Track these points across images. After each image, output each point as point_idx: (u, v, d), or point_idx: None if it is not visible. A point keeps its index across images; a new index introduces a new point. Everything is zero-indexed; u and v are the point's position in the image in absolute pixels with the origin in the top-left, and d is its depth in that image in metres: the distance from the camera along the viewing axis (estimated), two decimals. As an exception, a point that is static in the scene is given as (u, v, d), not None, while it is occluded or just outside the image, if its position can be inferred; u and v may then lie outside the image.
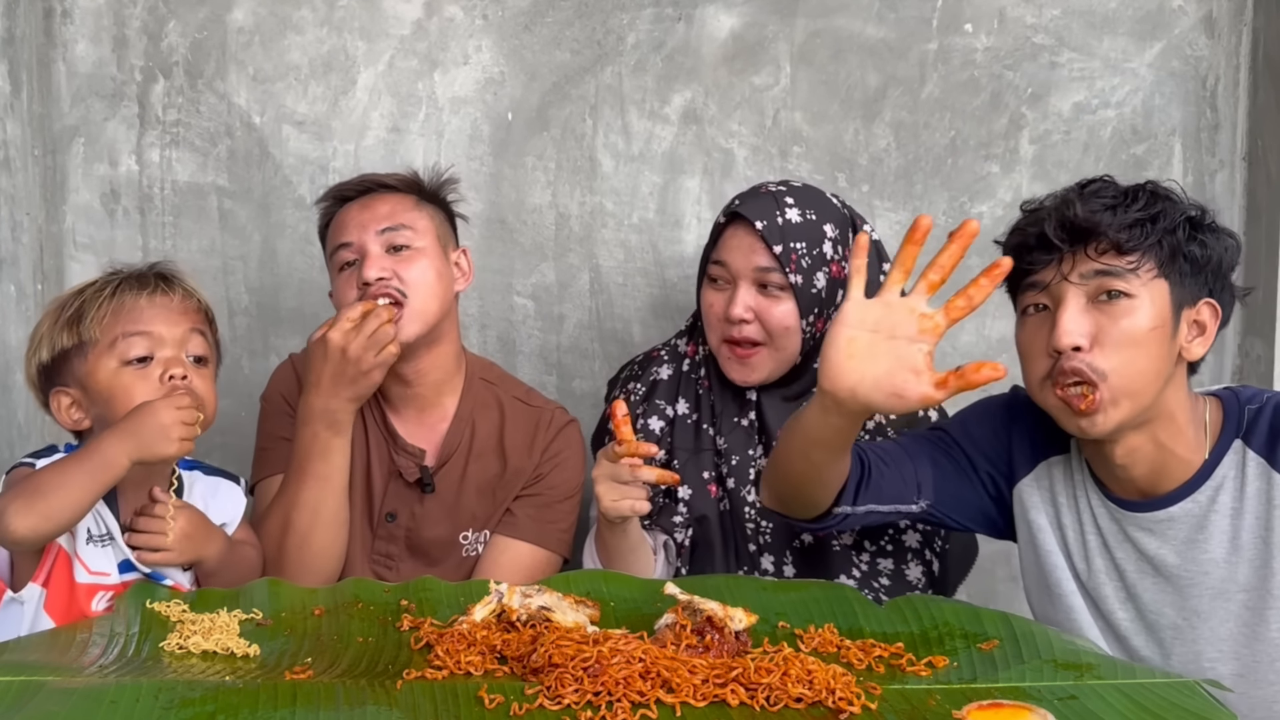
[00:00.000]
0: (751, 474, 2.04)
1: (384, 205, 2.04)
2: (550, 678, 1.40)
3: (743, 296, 1.99)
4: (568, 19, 2.51)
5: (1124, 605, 1.72)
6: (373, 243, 2.00)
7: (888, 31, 2.50)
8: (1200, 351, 1.66)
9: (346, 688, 1.41)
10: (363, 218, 2.03)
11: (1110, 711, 1.37)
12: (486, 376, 2.16)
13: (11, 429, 2.39)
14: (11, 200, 2.40)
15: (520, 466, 2.09)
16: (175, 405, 1.74)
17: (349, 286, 2.01)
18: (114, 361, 1.79)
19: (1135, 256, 1.59)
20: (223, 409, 2.44)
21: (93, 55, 2.51)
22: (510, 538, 2.07)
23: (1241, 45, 2.49)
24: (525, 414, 2.13)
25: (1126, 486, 1.69)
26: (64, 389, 1.83)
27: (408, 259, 2.00)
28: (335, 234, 2.05)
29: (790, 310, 1.98)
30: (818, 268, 1.98)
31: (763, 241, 1.97)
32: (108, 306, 1.81)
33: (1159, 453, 1.65)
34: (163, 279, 1.86)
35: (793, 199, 2.01)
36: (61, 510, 1.69)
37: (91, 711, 1.33)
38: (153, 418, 1.73)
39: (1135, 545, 1.69)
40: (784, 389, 2.05)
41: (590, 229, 2.55)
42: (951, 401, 2.52)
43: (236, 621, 1.59)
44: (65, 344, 1.82)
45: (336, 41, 2.51)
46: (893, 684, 1.45)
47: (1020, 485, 1.81)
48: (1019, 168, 2.52)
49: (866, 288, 1.58)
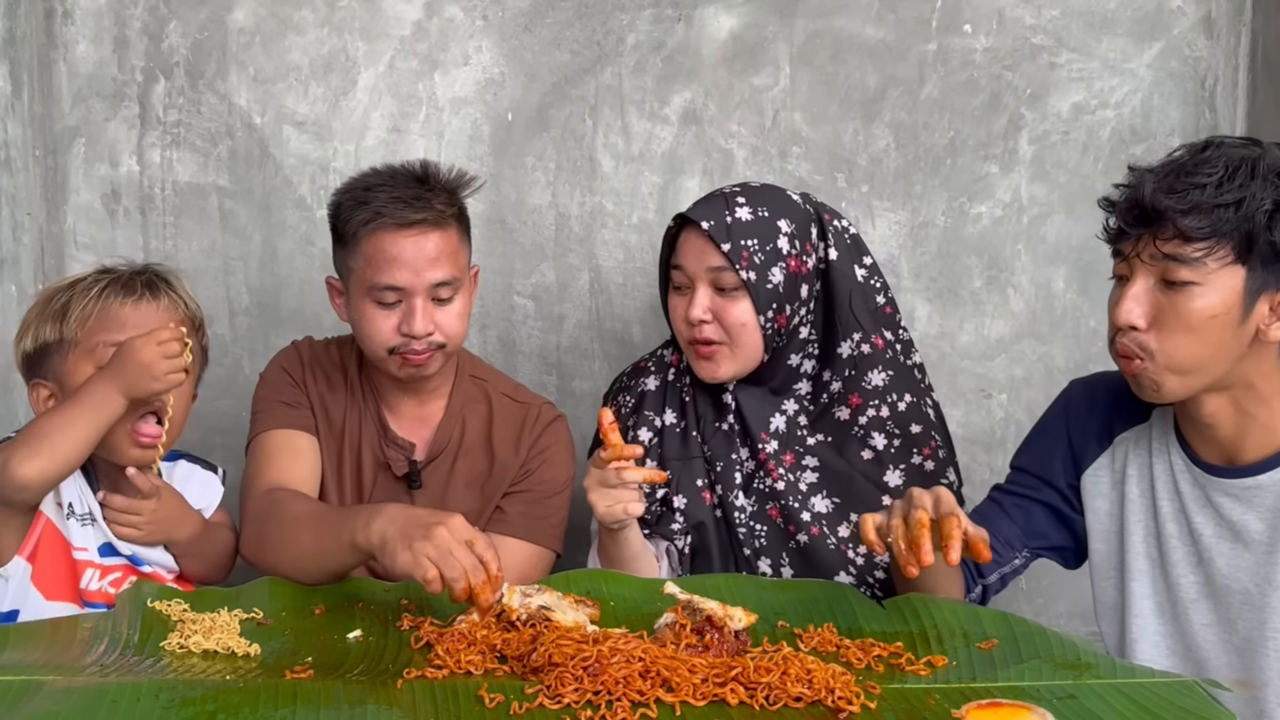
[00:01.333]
0: (738, 478, 2.05)
1: (435, 246, 1.95)
2: (550, 677, 1.40)
3: (699, 298, 2.00)
4: (568, 20, 2.51)
5: (1194, 569, 1.73)
6: (422, 295, 1.95)
7: (887, 32, 2.50)
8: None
9: (347, 687, 1.41)
10: (417, 263, 1.93)
11: (1109, 711, 1.37)
12: (476, 373, 2.16)
13: (12, 429, 2.39)
14: (13, 200, 2.40)
15: (507, 463, 2.09)
16: (155, 341, 1.75)
17: (385, 323, 1.96)
18: (91, 366, 1.80)
19: (1206, 244, 1.58)
20: (223, 409, 2.46)
21: (94, 56, 2.51)
22: (502, 535, 2.07)
23: (1240, 46, 2.49)
24: (513, 410, 2.13)
25: (1213, 448, 1.71)
26: (43, 382, 1.85)
27: (448, 305, 1.98)
28: (380, 269, 1.94)
29: (746, 308, 1.99)
30: (772, 263, 1.99)
31: (712, 242, 1.98)
32: (92, 308, 1.81)
33: (1242, 417, 1.67)
34: (149, 286, 1.86)
35: (744, 198, 2.02)
36: (66, 450, 1.72)
37: (91, 711, 1.33)
38: (133, 355, 1.75)
39: (1217, 510, 1.70)
40: (760, 386, 2.06)
41: (590, 229, 2.56)
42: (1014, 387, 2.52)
43: (237, 621, 1.59)
44: (48, 337, 1.83)
45: (337, 42, 2.52)
46: (892, 683, 1.45)
47: (1085, 475, 1.84)
48: (1018, 168, 2.53)
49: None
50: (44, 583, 1.80)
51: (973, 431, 2.57)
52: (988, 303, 2.56)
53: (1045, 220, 2.54)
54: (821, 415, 2.07)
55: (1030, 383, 2.55)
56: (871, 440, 2.04)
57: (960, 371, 2.57)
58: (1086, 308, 2.55)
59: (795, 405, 2.08)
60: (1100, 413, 1.82)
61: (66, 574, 1.82)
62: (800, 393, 2.08)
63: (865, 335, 2.05)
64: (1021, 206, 2.53)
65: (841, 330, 2.05)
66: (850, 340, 2.05)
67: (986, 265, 2.55)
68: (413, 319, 1.95)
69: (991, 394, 2.57)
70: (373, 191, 1.97)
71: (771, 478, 2.04)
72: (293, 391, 2.08)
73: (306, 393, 2.09)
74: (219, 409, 2.46)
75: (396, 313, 1.96)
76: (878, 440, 2.04)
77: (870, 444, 2.04)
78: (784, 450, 2.05)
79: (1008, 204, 2.53)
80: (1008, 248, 2.54)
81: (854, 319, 2.05)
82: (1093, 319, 2.55)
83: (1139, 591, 1.77)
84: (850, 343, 2.05)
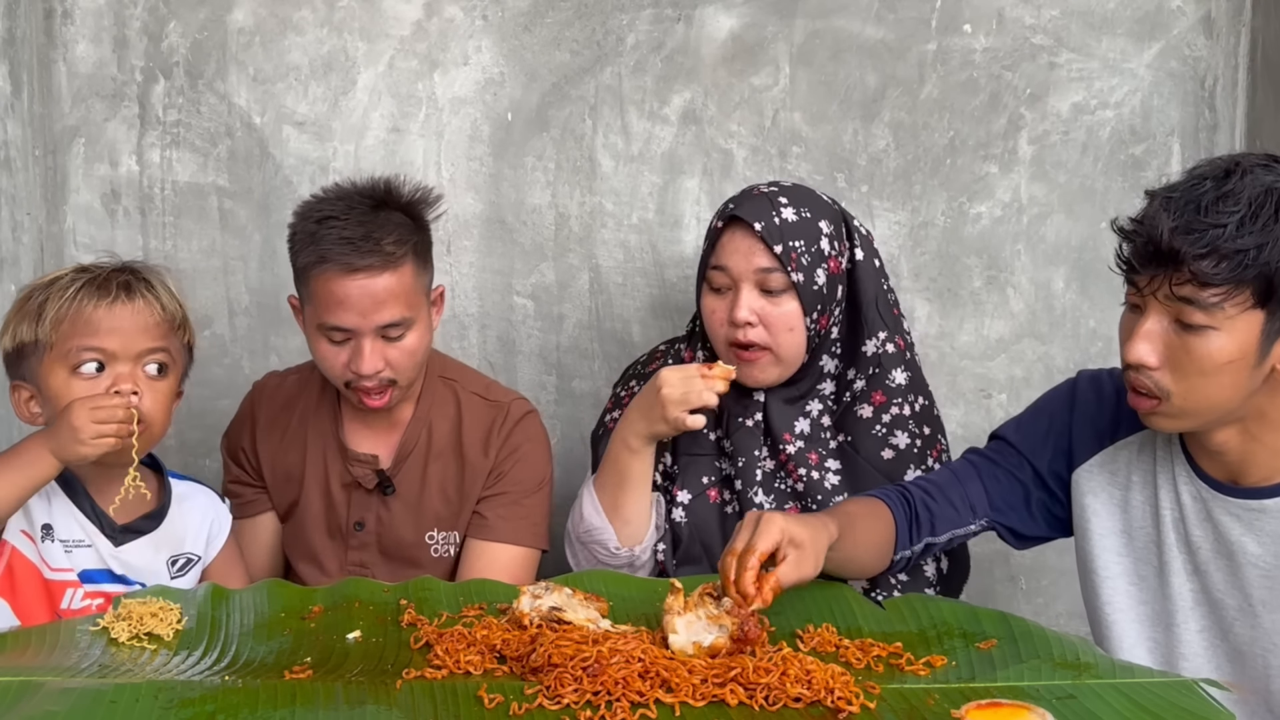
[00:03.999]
0: (759, 475, 2.04)
1: (384, 288, 1.92)
2: (550, 677, 1.40)
3: (745, 299, 1.98)
4: (567, 19, 2.51)
5: (1191, 578, 1.71)
6: (370, 335, 1.94)
7: (887, 32, 2.50)
8: None
9: (346, 688, 1.41)
10: (363, 305, 1.92)
11: (1108, 711, 1.37)
12: (446, 373, 2.15)
13: (12, 429, 2.39)
14: (12, 200, 2.40)
15: (477, 465, 2.08)
16: (90, 406, 1.72)
17: (335, 359, 1.97)
18: (65, 370, 1.78)
19: (1223, 290, 1.50)
20: (222, 410, 2.46)
21: (93, 56, 2.51)
22: (485, 540, 2.06)
23: (1240, 46, 2.49)
24: (483, 410, 2.12)
25: (1218, 466, 1.67)
26: (23, 384, 1.83)
27: (400, 342, 1.97)
28: (326, 310, 1.94)
29: (794, 310, 1.98)
30: (817, 264, 1.99)
31: (762, 242, 1.96)
32: (66, 310, 1.77)
33: (1251, 443, 1.63)
34: (125, 288, 1.81)
35: (786, 198, 2.01)
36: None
37: (91, 711, 1.34)
38: (65, 418, 1.72)
39: (1216, 526, 1.67)
40: (787, 389, 2.05)
41: (590, 229, 2.56)
42: (1014, 387, 2.53)
43: (177, 612, 1.58)
44: (25, 338, 1.80)
45: (337, 42, 2.52)
46: (891, 683, 1.45)
47: (1079, 470, 1.80)
48: (1018, 168, 2.53)
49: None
50: (21, 609, 1.79)
51: (973, 431, 2.56)
52: (987, 303, 2.56)
53: (1045, 220, 2.53)
54: (844, 413, 2.06)
55: (1030, 383, 2.55)
56: (894, 439, 2.03)
57: (960, 371, 2.57)
58: (1086, 308, 2.55)
59: (819, 405, 2.07)
60: (1107, 411, 1.78)
61: (41, 596, 1.80)
62: (824, 392, 2.07)
63: (890, 334, 2.05)
64: (1021, 206, 2.53)
65: (866, 329, 2.04)
66: (875, 339, 2.04)
67: (986, 265, 2.55)
68: (359, 359, 1.95)
69: (991, 394, 2.57)
70: (324, 226, 1.94)
71: (792, 478, 2.03)
72: (237, 473, 2.18)
73: (257, 458, 2.15)
74: (219, 409, 2.46)
75: (346, 349, 1.96)
76: (900, 439, 2.03)
77: (892, 443, 2.04)
78: (809, 450, 2.04)
79: (1007, 204, 2.53)
80: (1007, 248, 2.54)
81: (879, 319, 2.04)
82: (1092, 319, 2.55)
83: (1133, 595, 1.76)
84: (875, 341, 2.04)
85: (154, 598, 1.61)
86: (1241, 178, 1.51)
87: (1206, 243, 1.49)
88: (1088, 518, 1.79)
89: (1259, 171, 1.52)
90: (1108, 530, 1.77)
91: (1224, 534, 1.67)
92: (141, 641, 1.52)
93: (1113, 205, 2.50)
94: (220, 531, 1.99)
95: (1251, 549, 1.65)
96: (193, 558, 1.94)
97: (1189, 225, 1.50)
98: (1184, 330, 1.54)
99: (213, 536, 1.97)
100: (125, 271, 1.85)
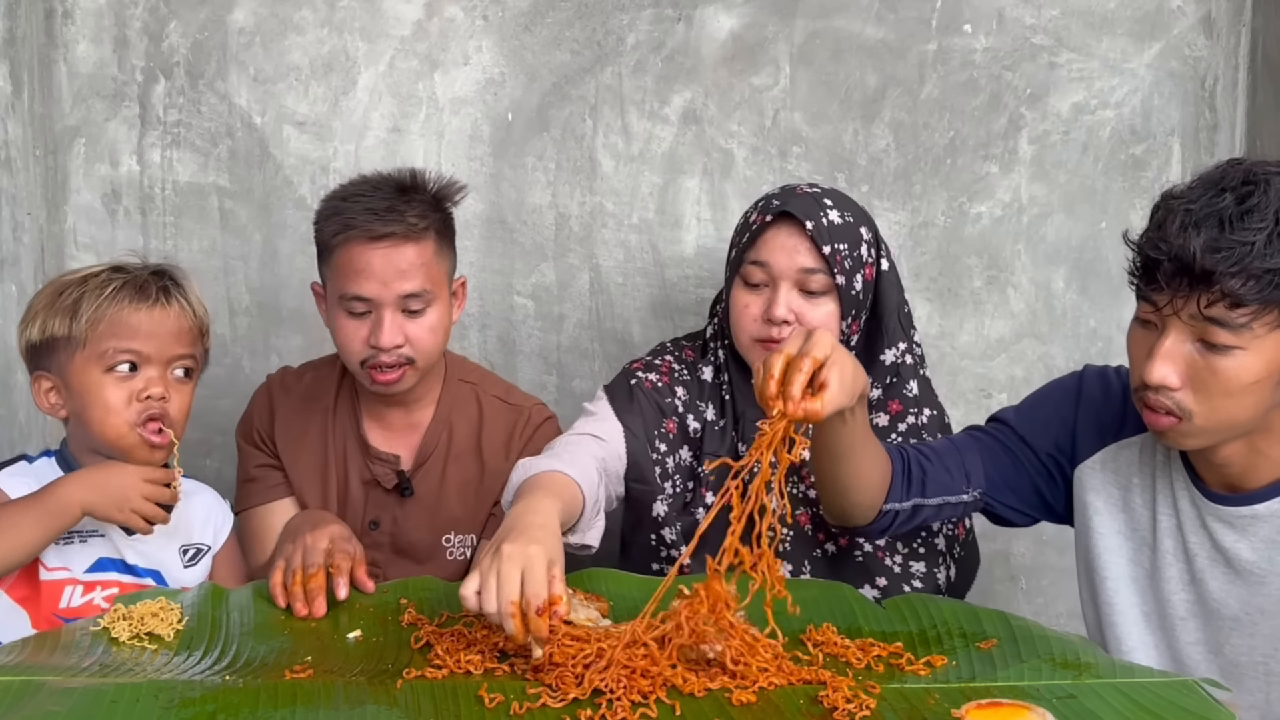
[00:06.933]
0: (772, 480, 2.03)
1: (406, 259, 1.95)
2: (550, 676, 1.40)
3: (784, 297, 1.95)
4: (568, 19, 2.51)
5: (1186, 588, 1.69)
6: (390, 306, 1.95)
7: (887, 32, 2.50)
8: None
9: (346, 688, 1.42)
10: (386, 274, 1.94)
11: (1109, 710, 1.37)
12: (466, 376, 2.15)
13: (13, 429, 2.39)
14: (13, 200, 2.40)
15: (498, 468, 2.08)
16: (144, 478, 1.76)
17: (355, 334, 1.98)
18: (98, 369, 1.79)
19: (1252, 309, 1.45)
20: (222, 410, 2.47)
21: (94, 56, 2.51)
22: None
23: (1240, 46, 2.49)
24: (504, 414, 2.12)
25: (1219, 477, 1.65)
26: (46, 374, 1.84)
27: (420, 317, 1.98)
28: (349, 279, 1.96)
29: (832, 313, 1.96)
30: (857, 270, 1.97)
31: (811, 242, 1.94)
32: (104, 311, 1.79)
33: (1254, 456, 1.61)
34: (164, 292, 1.84)
35: (830, 200, 1.99)
36: (10, 553, 1.71)
37: (91, 711, 1.34)
38: (114, 478, 1.76)
39: (1210, 535, 1.66)
40: None
41: (590, 229, 2.56)
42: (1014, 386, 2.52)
43: (177, 612, 1.59)
44: (56, 332, 1.81)
45: (337, 42, 2.52)
46: (891, 683, 1.45)
47: (1082, 467, 1.78)
48: (1018, 168, 2.53)
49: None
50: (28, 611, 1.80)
51: (973, 431, 2.56)
52: (988, 303, 2.56)
53: (1045, 220, 2.54)
54: None
55: (1030, 383, 2.55)
56: None
57: (960, 371, 2.57)
58: (1087, 307, 2.55)
59: None
60: (1113, 409, 1.76)
61: (36, 596, 1.80)
62: None
63: (909, 345, 2.04)
64: (1021, 206, 2.53)
65: (886, 339, 2.03)
66: (895, 349, 2.03)
67: (986, 265, 2.55)
68: (380, 330, 1.95)
69: (991, 394, 2.58)
70: (349, 202, 1.97)
71: (805, 484, 2.02)
72: (258, 457, 2.11)
73: (275, 447, 2.12)
74: (219, 409, 2.46)
75: (366, 323, 1.97)
76: None
77: None
78: None
79: (1008, 204, 2.53)
80: (1008, 248, 2.54)
81: (900, 329, 2.03)
82: (1093, 319, 2.55)
83: (1130, 599, 1.75)
84: (895, 351, 2.03)
85: (154, 599, 1.61)
86: (1265, 191, 1.46)
87: (1234, 260, 1.44)
88: (1090, 515, 1.78)
89: (1277, 181, 1.48)
90: (1109, 530, 1.77)
91: (1219, 542, 1.66)
92: (142, 641, 1.52)
93: (1113, 205, 2.50)
94: (224, 525, 2.00)
95: (1246, 555, 1.64)
96: (203, 547, 1.95)
97: (1217, 243, 1.44)
98: (1208, 350, 1.49)
99: (218, 529, 1.98)
100: (164, 276, 1.87)
